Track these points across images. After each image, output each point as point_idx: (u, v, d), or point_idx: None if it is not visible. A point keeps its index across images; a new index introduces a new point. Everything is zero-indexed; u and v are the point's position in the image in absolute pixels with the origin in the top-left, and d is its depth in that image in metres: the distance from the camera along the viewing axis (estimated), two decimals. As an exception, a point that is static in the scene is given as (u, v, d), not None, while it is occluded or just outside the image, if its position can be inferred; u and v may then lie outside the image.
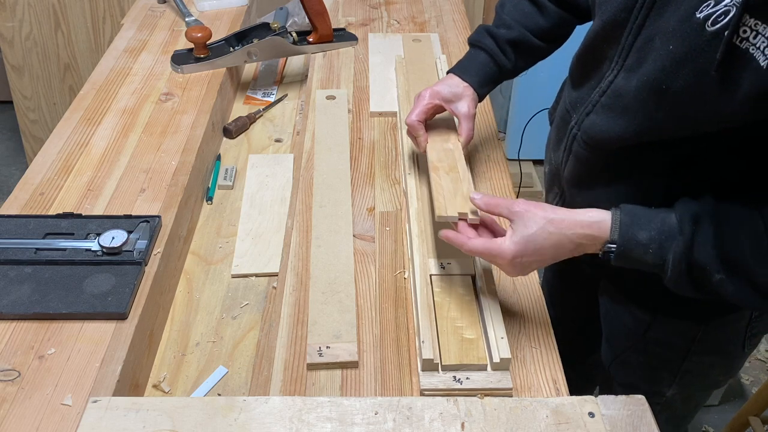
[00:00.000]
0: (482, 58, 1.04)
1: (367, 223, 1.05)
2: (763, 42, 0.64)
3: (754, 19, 0.64)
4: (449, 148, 1.04)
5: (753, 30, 0.64)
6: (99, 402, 0.74)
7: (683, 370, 1.02)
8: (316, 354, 0.84)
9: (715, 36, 0.67)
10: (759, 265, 0.71)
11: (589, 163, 0.89)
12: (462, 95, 1.02)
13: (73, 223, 0.97)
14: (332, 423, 0.73)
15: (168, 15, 1.58)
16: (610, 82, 0.83)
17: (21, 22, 2.15)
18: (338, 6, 1.69)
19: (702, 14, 0.68)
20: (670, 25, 0.73)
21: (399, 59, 1.41)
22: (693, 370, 1.02)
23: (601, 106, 0.85)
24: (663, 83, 0.74)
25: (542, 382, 0.83)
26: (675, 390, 1.07)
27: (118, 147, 1.15)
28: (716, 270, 0.72)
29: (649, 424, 0.73)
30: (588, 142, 0.88)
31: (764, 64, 0.64)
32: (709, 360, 1.01)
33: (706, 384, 1.09)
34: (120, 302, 0.86)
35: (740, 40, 0.66)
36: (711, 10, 0.68)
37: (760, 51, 0.64)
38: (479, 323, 0.86)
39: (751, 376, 2.00)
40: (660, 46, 0.74)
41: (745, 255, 0.71)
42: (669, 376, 1.04)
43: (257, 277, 1.04)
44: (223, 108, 1.36)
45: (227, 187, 1.21)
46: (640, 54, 0.78)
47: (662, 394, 1.08)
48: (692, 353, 0.99)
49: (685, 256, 0.72)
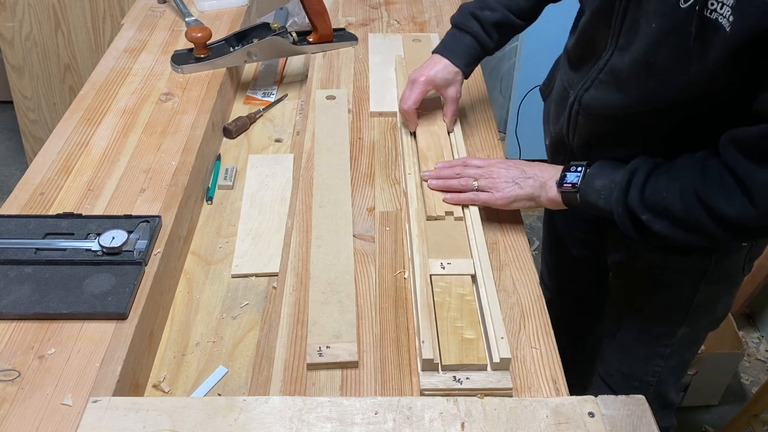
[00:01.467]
0: (468, 41, 1.12)
1: (367, 223, 1.05)
2: (727, 10, 0.72)
3: None
4: (436, 131, 1.16)
5: (719, 2, 0.73)
6: (99, 402, 0.74)
7: (694, 305, 1.07)
8: (316, 354, 0.84)
9: (689, 12, 0.76)
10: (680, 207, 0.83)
11: (592, 130, 0.99)
12: (453, 81, 1.13)
13: (73, 223, 0.97)
14: (332, 423, 0.73)
15: (168, 15, 1.58)
16: (606, 61, 0.93)
17: (21, 22, 2.15)
18: (338, 6, 1.69)
19: None
20: (651, 6, 0.82)
21: (399, 59, 1.41)
22: (702, 303, 1.07)
23: (599, 82, 0.94)
24: (650, 57, 0.84)
25: (542, 382, 0.83)
26: (685, 329, 1.11)
27: (118, 147, 1.15)
28: (641, 212, 0.86)
29: (648, 424, 0.73)
30: (589, 113, 0.97)
31: (728, 28, 0.72)
32: (715, 290, 1.07)
33: (712, 319, 1.14)
34: (120, 302, 0.86)
35: (710, 12, 0.74)
36: None
37: (726, 18, 0.73)
38: (479, 323, 0.86)
39: (751, 376, 2.00)
40: (644, 26, 0.83)
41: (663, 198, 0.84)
42: (680, 315, 1.09)
43: (257, 277, 1.04)
44: (223, 108, 1.36)
45: (227, 187, 1.21)
46: (629, 35, 0.87)
47: (673, 335, 1.12)
48: (703, 284, 1.04)
49: (621, 200, 0.87)
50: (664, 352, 1.16)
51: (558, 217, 1.32)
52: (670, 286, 1.07)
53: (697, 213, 0.82)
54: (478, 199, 1.02)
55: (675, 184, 0.84)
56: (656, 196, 0.85)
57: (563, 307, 1.41)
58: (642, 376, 1.19)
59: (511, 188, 0.99)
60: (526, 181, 0.99)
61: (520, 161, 1.03)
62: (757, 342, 2.11)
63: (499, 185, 1.00)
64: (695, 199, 0.82)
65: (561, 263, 1.39)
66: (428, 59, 1.15)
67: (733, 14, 0.71)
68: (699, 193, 0.81)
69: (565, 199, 0.96)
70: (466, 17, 1.12)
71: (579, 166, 0.95)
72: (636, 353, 1.18)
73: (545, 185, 0.98)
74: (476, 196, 1.01)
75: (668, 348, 1.15)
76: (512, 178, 1.00)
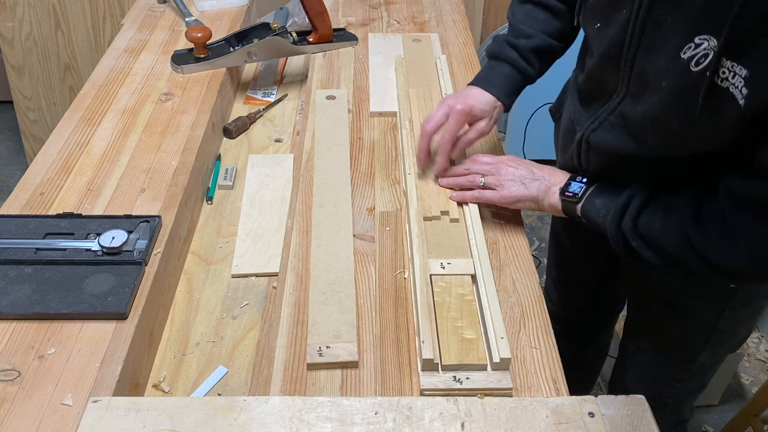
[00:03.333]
0: (506, 70, 1.06)
1: (367, 223, 1.05)
2: (740, 81, 0.69)
3: (730, 62, 0.69)
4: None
5: (731, 71, 0.70)
6: (99, 402, 0.74)
7: (718, 329, 1.04)
8: (316, 354, 0.84)
9: (700, 75, 0.72)
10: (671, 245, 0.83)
11: (602, 165, 0.96)
12: (489, 113, 1.06)
13: (73, 223, 0.97)
14: (332, 423, 0.73)
15: (168, 15, 1.58)
16: (617, 104, 0.89)
17: (21, 22, 2.16)
18: (338, 6, 1.69)
19: (686, 55, 0.74)
20: (659, 62, 0.78)
21: (399, 59, 1.41)
22: (726, 328, 1.04)
23: (609, 125, 0.90)
24: (662, 115, 0.80)
25: (542, 382, 0.83)
26: (706, 353, 1.09)
27: (118, 147, 1.15)
28: (631, 238, 0.86)
29: (648, 424, 0.73)
30: (598, 151, 0.94)
31: (742, 103, 0.69)
32: (740, 315, 1.04)
33: (734, 343, 1.11)
34: (120, 302, 0.86)
35: (721, 80, 0.71)
36: (693, 53, 0.73)
37: (738, 90, 0.69)
38: (479, 323, 0.86)
39: (751, 376, 2.00)
40: (654, 81, 0.80)
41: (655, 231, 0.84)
42: (702, 339, 1.06)
43: (257, 277, 1.04)
44: (223, 108, 1.36)
45: (227, 187, 1.21)
46: (639, 84, 0.83)
47: (694, 359, 1.10)
48: (728, 309, 1.01)
49: (615, 222, 0.87)
50: (684, 375, 1.14)
51: (565, 234, 1.30)
52: (692, 312, 1.04)
53: (687, 255, 0.81)
54: (483, 197, 1.01)
55: (669, 221, 0.83)
56: (649, 228, 0.84)
57: (568, 321, 1.40)
58: (659, 397, 1.17)
59: (517, 187, 0.99)
60: (533, 182, 0.99)
61: (529, 162, 1.01)
62: (757, 342, 2.11)
63: (506, 183, 1.00)
64: (687, 242, 0.81)
65: (567, 278, 1.38)
66: (463, 90, 1.08)
67: (746, 86, 0.68)
68: (691, 237, 0.80)
69: (564, 207, 0.95)
70: (503, 46, 1.07)
71: (584, 178, 0.95)
72: (654, 376, 1.16)
73: (549, 190, 0.97)
74: (481, 194, 1.01)
75: (688, 372, 1.13)
76: (520, 177, 0.99)
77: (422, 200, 1.03)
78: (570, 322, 1.40)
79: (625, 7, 0.81)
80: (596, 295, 1.35)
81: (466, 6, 2.21)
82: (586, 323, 1.43)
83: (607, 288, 1.33)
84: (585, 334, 1.45)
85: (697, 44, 0.72)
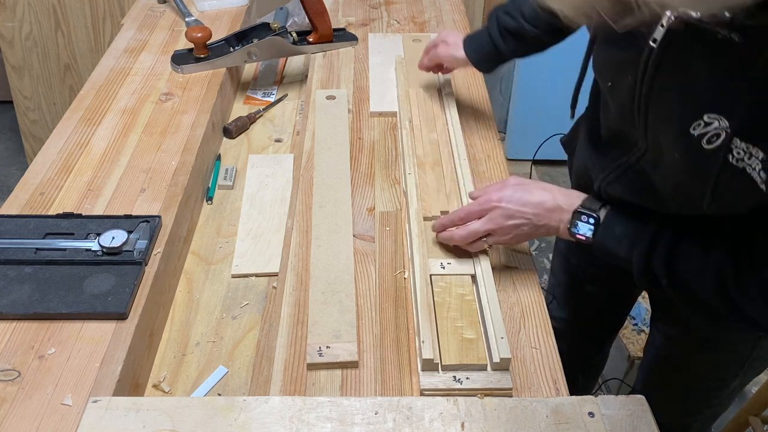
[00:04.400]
0: (484, 38, 1.13)
1: (367, 223, 1.05)
2: (757, 164, 0.65)
3: (744, 143, 0.65)
4: (434, 139, 1.15)
5: (746, 152, 0.66)
6: (99, 402, 0.74)
7: (753, 357, 1.02)
8: (316, 354, 0.84)
9: (714, 153, 0.68)
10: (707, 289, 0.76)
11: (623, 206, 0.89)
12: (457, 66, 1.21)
13: (73, 223, 0.97)
14: (332, 423, 0.73)
15: (168, 15, 1.58)
16: (637, 158, 0.83)
17: (21, 22, 2.15)
18: (338, 6, 1.69)
19: (696, 132, 0.69)
20: (669, 134, 0.74)
21: (399, 59, 1.41)
22: (761, 356, 1.03)
23: (627, 179, 0.85)
24: (680, 185, 0.77)
25: (542, 382, 0.83)
26: (738, 380, 1.07)
27: (118, 147, 1.15)
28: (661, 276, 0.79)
29: (648, 424, 0.73)
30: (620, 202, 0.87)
31: (763, 187, 0.65)
32: None
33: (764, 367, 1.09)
34: (120, 302, 0.86)
35: (736, 160, 0.67)
36: (703, 131, 0.68)
37: (756, 172, 0.65)
38: (479, 323, 0.86)
39: (751, 376, 2.00)
40: (667, 151, 0.75)
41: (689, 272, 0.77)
42: (736, 368, 1.05)
43: (257, 277, 1.04)
44: (223, 108, 1.36)
45: (227, 187, 1.21)
46: (655, 149, 0.79)
47: (725, 387, 1.09)
48: (764, 339, 0.99)
49: (643, 256, 0.79)
50: (714, 402, 1.13)
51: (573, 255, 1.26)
52: (727, 343, 1.01)
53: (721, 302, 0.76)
54: None
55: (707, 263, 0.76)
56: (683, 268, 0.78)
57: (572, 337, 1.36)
58: (685, 421, 1.16)
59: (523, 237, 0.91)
60: (538, 230, 0.90)
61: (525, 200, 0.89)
62: (757, 342, 2.10)
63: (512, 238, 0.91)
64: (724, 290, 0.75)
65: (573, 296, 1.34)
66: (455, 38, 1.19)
67: (765, 170, 0.64)
68: (730, 288, 0.74)
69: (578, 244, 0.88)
70: (491, 15, 1.12)
71: (590, 217, 0.86)
72: (683, 406, 1.15)
73: (559, 230, 0.89)
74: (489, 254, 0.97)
75: (718, 399, 1.12)
76: (525, 232, 0.90)
77: (422, 200, 1.03)
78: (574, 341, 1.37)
79: (629, 72, 0.76)
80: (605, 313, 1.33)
81: (466, 6, 2.20)
82: (590, 340, 1.41)
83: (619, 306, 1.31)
84: (588, 350, 1.44)
85: (707, 122, 0.68)
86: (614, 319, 1.36)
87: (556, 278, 1.37)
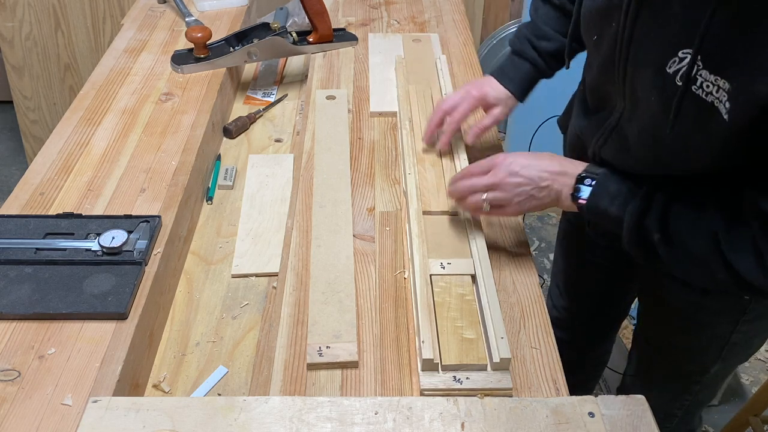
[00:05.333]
0: (525, 68, 1.10)
1: (367, 223, 1.05)
2: (723, 95, 0.68)
3: (714, 75, 0.69)
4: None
5: (714, 84, 0.69)
6: (99, 402, 0.74)
7: (731, 342, 1.03)
8: (316, 354, 0.84)
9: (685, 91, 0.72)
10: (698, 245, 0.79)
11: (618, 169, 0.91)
12: (503, 102, 1.10)
13: (73, 223, 0.97)
14: (332, 423, 0.73)
15: (168, 15, 1.58)
16: (617, 119, 0.88)
17: (21, 22, 2.15)
18: (338, 6, 1.69)
19: (671, 69, 0.73)
20: (647, 78, 0.77)
21: (399, 59, 1.41)
22: (739, 341, 1.03)
23: (612, 142, 0.90)
24: (655, 131, 0.80)
25: (542, 382, 0.83)
26: (718, 366, 1.08)
27: (118, 147, 1.15)
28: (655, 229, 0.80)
29: (648, 424, 0.73)
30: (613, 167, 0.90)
31: (726, 117, 0.69)
32: (755, 327, 1.02)
33: (747, 354, 1.10)
34: (120, 302, 0.86)
35: (705, 94, 0.70)
36: (677, 66, 0.72)
37: (723, 104, 0.68)
38: (479, 323, 0.86)
39: (751, 376, 2.00)
40: (644, 96, 0.79)
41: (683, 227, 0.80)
42: (715, 353, 1.06)
43: (257, 277, 1.04)
44: (223, 108, 1.36)
45: (227, 187, 1.21)
46: (632, 100, 0.83)
47: (706, 372, 1.10)
48: (741, 323, 1.00)
49: (636, 212, 0.81)
50: (695, 388, 1.13)
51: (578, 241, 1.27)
52: (706, 326, 1.02)
53: (712, 258, 0.77)
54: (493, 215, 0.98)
55: (700, 220, 0.79)
56: (677, 222, 0.80)
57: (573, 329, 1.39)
58: (668, 409, 1.17)
59: (528, 202, 0.92)
60: (541, 192, 0.91)
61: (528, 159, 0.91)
62: (757, 342, 2.11)
63: (514, 200, 0.92)
64: (715, 246, 0.77)
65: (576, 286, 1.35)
66: (482, 78, 1.14)
67: (729, 101, 0.68)
68: (721, 242, 0.76)
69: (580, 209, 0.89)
70: (524, 44, 1.10)
71: (593, 179, 0.88)
72: (664, 390, 1.15)
73: (561, 195, 0.90)
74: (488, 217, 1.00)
75: (699, 384, 1.12)
76: (527, 192, 0.91)
77: (422, 197, 1.04)
78: (575, 330, 1.39)
79: (614, 19, 0.80)
80: (606, 303, 1.34)
81: (466, 6, 2.21)
82: (591, 331, 1.42)
83: (619, 296, 1.32)
84: (589, 342, 1.44)
85: (681, 58, 0.72)
86: (616, 309, 1.37)
87: (558, 266, 1.38)
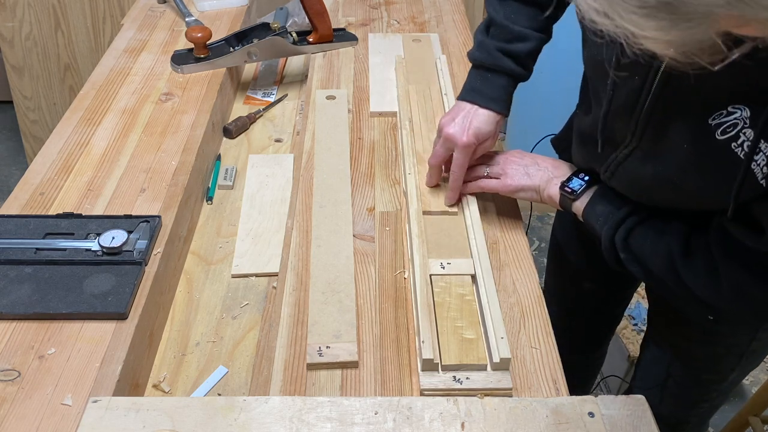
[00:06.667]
0: (503, 82, 0.99)
1: (367, 223, 1.05)
2: (762, 159, 0.65)
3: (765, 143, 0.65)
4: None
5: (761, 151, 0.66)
6: (99, 402, 0.74)
7: (750, 350, 1.02)
8: (316, 354, 0.84)
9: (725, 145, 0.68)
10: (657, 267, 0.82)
11: None
12: (494, 132, 1.00)
13: (73, 223, 0.97)
14: (332, 423, 0.73)
15: (168, 15, 1.58)
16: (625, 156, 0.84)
17: (21, 22, 2.15)
18: (338, 6, 1.69)
19: (714, 122, 0.69)
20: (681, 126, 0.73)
21: (399, 59, 1.41)
22: (758, 348, 1.03)
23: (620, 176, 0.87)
24: (676, 180, 0.77)
25: (542, 382, 0.83)
26: (736, 373, 1.08)
27: (118, 147, 1.15)
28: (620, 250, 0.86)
29: (648, 424, 0.73)
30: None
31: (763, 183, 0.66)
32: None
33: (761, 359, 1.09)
34: (120, 302, 0.86)
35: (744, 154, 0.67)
36: (722, 120, 0.68)
37: (760, 168, 0.66)
38: (479, 323, 0.86)
39: (751, 376, 2.00)
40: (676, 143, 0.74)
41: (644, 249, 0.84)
42: (733, 361, 1.05)
43: (257, 277, 1.04)
44: (223, 108, 1.36)
45: (227, 187, 1.21)
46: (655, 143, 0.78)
47: (723, 380, 1.09)
48: (761, 330, 0.99)
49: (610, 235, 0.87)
50: (711, 396, 1.13)
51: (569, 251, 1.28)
52: (724, 336, 1.02)
53: (671, 279, 0.81)
54: (486, 186, 1.01)
55: (659, 243, 0.82)
56: (639, 245, 0.85)
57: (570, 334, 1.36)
58: (683, 417, 1.16)
59: (520, 176, 0.98)
60: (536, 171, 0.98)
61: (535, 154, 1.01)
62: (757, 342, 2.10)
63: (509, 172, 0.99)
64: (672, 267, 0.80)
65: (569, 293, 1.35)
66: (458, 108, 0.99)
67: None
68: (677, 264, 0.79)
69: (561, 201, 0.95)
70: (495, 56, 0.98)
71: (586, 176, 0.93)
72: (681, 400, 1.15)
73: (551, 181, 0.96)
74: (485, 184, 1.01)
75: (716, 392, 1.12)
76: (524, 166, 0.99)
77: (422, 197, 1.04)
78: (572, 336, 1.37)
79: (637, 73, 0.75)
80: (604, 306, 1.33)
81: (466, 6, 2.20)
82: (590, 335, 1.41)
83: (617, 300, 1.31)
84: (587, 345, 1.44)
85: (730, 112, 0.68)
86: (610, 315, 1.36)
87: (550, 272, 1.38)
